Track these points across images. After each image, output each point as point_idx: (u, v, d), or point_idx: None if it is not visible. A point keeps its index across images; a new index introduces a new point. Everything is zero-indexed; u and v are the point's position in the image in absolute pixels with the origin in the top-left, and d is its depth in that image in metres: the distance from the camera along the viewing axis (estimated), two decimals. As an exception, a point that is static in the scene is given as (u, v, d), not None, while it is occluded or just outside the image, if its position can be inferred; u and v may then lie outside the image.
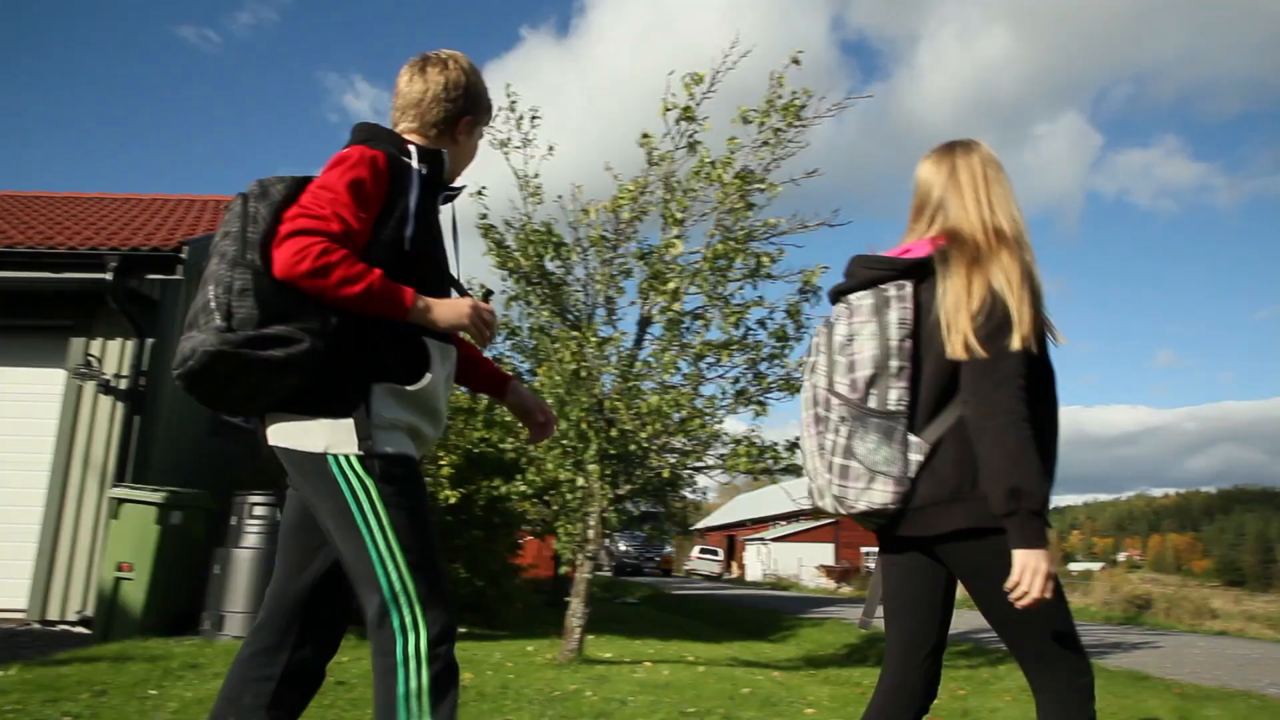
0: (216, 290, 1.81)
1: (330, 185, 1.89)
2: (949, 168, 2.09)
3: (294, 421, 1.91)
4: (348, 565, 1.90)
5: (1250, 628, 16.94)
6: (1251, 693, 5.61)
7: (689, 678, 5.72)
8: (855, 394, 1.93)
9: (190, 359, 1.79)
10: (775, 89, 5.75)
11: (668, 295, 5.41)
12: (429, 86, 2.13)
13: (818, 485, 1.99)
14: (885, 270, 1.99)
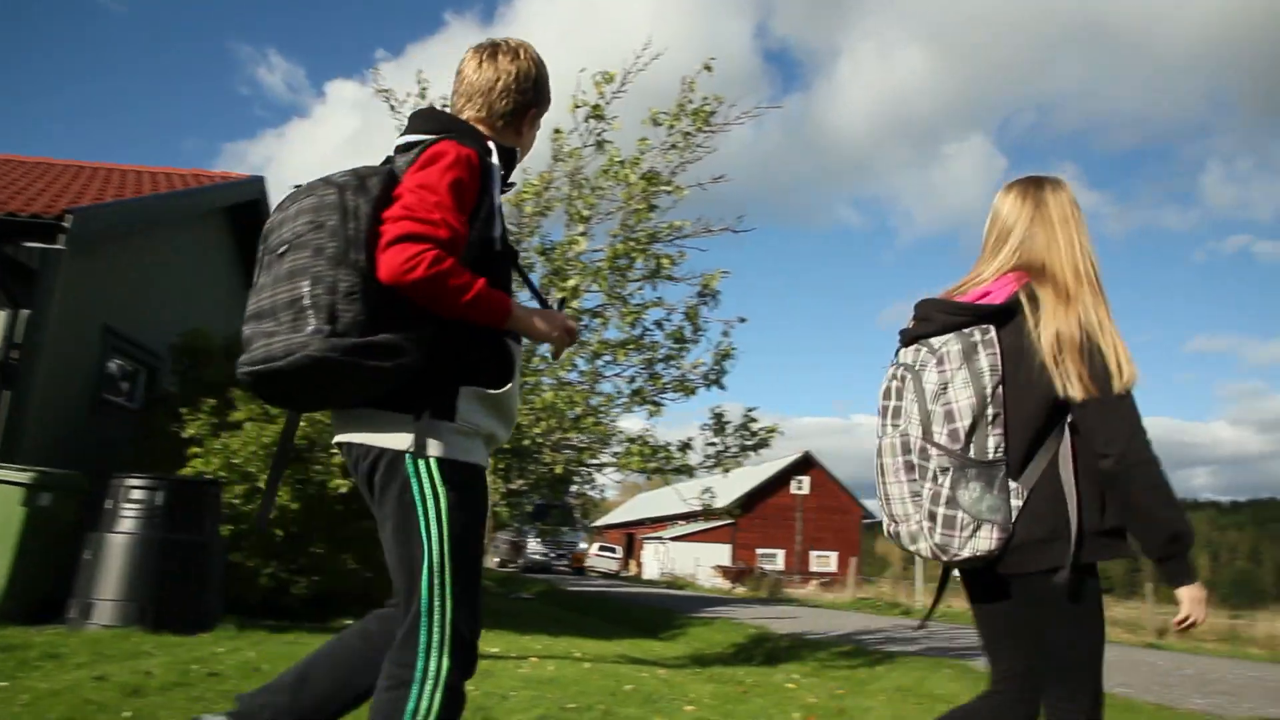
0: (315, 288, 1.73)
1: (431, 186, 1.82)
2: (1035, 202, 2.10)
3: (375, 419, 1.86)
4: (393, 564, 1.87)
5: (1112, 633, 17.89)
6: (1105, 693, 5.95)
7: (574, 674, 5.74)
8: (956, 444, 1.94)
9: (279, 359, 1.72)
10: (686, 93, 5.83)
11: (567, 292, 5.43)
12: (499, 75, 2.08)
13: (908, 530, 1.99)
14: (967, 317, 2.00)
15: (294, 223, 1.83)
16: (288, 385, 1.79)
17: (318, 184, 1.87)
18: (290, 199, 1.91)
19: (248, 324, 1.82)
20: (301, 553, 7.47)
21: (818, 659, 7.73)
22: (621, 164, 5.86)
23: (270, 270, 1.83)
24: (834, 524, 44.23)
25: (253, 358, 1.77)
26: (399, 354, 1.76)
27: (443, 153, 1.87)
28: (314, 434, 7.28)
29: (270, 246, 1.88)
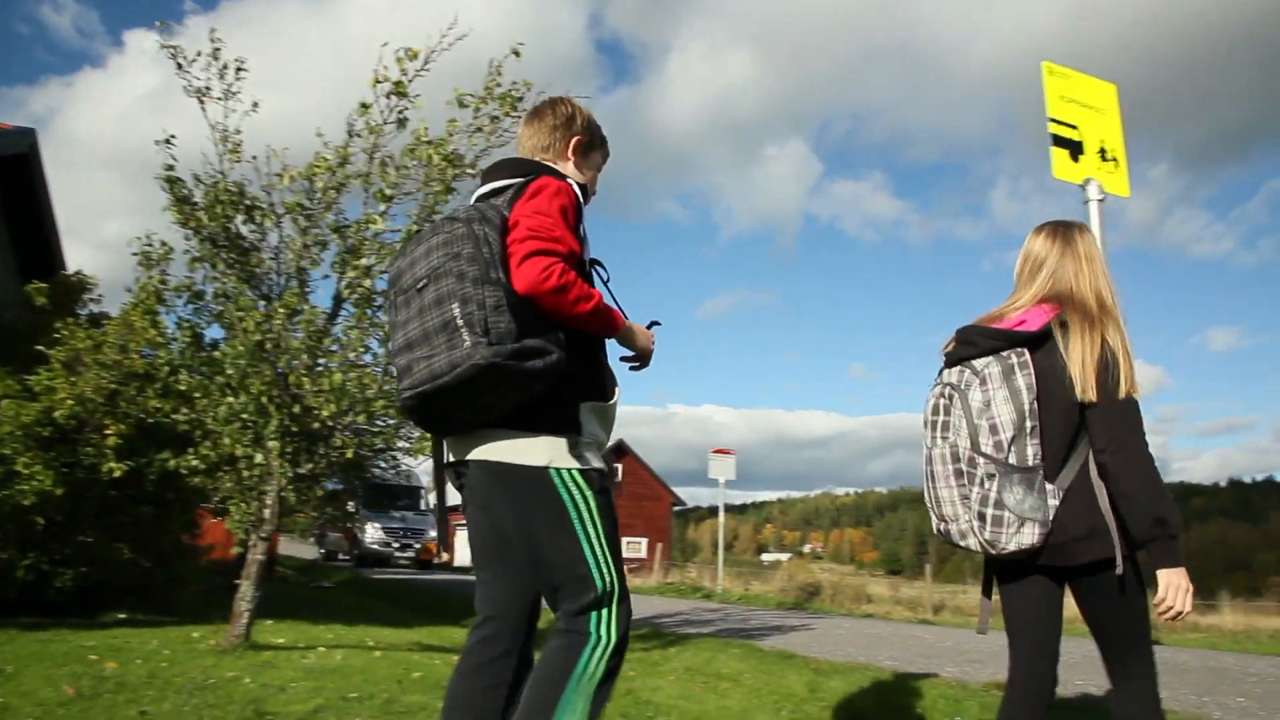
0: (466, 308, 1.91)
1: (546, 211, 2.05)
2: (1065, 241, 2.45)
3: (512, 439, 2.04)
4: (555, 567, 2.05)
5: (896, 611, 19.28)
6: (870, 665, 6.41)
7: (362, 663, 5.61)
8: (1000, 454, 2.22)
9: (444, 374, 1.90)
10: (494, 77, 5.77)
11: (359, 271, 5.27)
12: (553, 122, 2.36)
13: (958, 528, 2.29)
14: (1005, 342, 2.30)
15: (428, 259, 2.02)
16: (450, 400, 1.96)
17: (440, 224, 2.08)
18: (413, 243, 2.12)
19: (401, 355, 2.02)
20: (67, 542, 6.89)
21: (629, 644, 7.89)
22: (429, 144, 5.74)
23: (410, 305, 2.03)
24: (645, 511, 45.17)
25: (416, 380, 1.95)
26: (548, 353, 1.98)
27: (546, 184, 2.12)
28: (84, 413, 6.74)
29: (404, 286, 2.07)
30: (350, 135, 5.50)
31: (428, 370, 1.93)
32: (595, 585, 2.04)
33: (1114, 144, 4.26)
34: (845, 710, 4.71)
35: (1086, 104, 4.21)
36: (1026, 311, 2.39)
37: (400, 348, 2.03)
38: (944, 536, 2.37)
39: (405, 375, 2.01)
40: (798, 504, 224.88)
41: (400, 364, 2.02)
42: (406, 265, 2.09)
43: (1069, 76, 4.21)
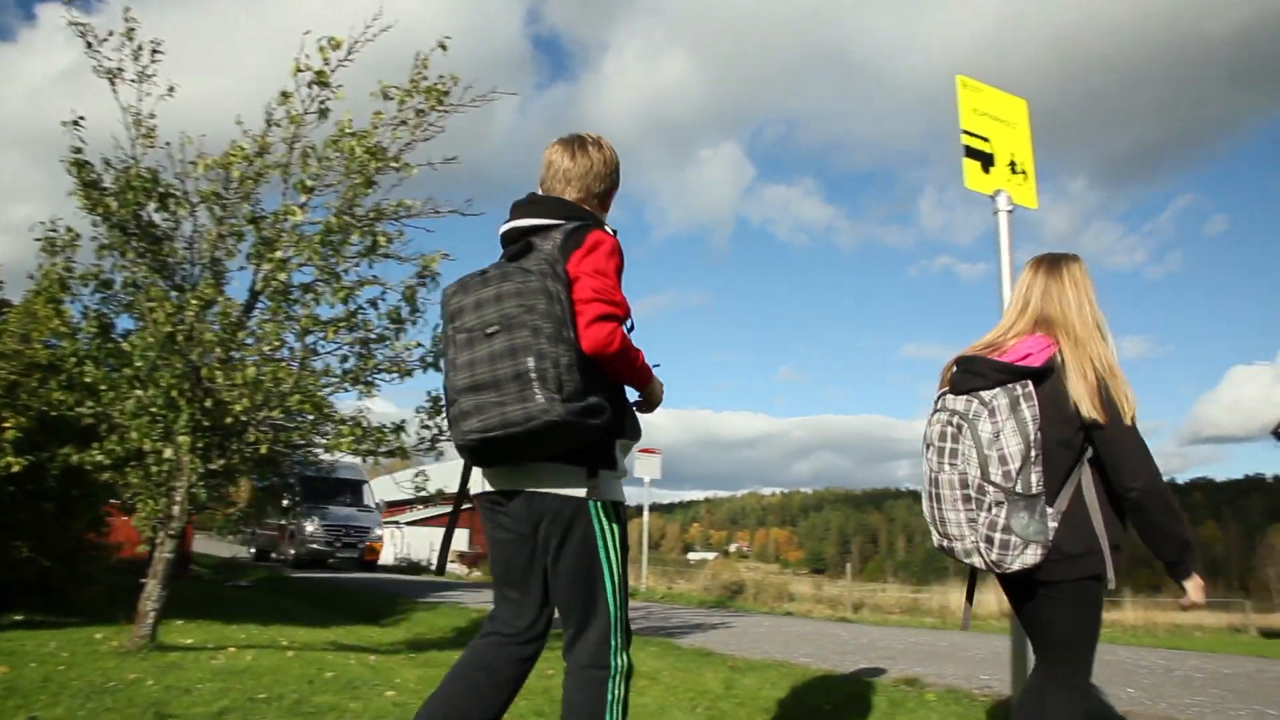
0: (540, 363, 2.05)
1: (604, 271, 2.21)
2: (1050, 270, 2.68)
3: (559, 474, 2.20)
4: (574, 593, 2.26)
5: (817, 609, 19.62)
6: (786, 662, 6.51)
7: (273, 663, 5.49)
8: (1009, 483, 2.39)
9: (518, 424, 2.05)
10: (420, 70, 5.70)
11: (274, 264, 5.15)
12: (592, 163, 2.45)
13: (963, 547, 2.48)
14: (1013, 375, 2.47)
15: (498, 305, 2.13)
16: (513, 446, 2.11)
17: (511, 270, 2.17)
18: (478, 284, 2.20)
19: (466, 395, 2.13)
20: (-40, 539, 6.59)
21: (535, 640, 7.87)
22: (352, 135, 5.64)
23: (475, 347, 2.14)
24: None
25: (487, 424, 2.08)
26: (604, 412, 2.18)
27: (601, 240, 2.27)
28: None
29: (468, 326, 2.17)
30: (269, 124, 5.37)
31: (500, 417, 2.07)
32: (609, 610, 2.26)
33: (1024, 157, 4.42)
34: (758, 706, 4.78)
35: (998, 118, 4.35)
36: (1023, 340, 2.58)
37: (466, 387, 2.13)
38: (949, 553, 2.55)
39: (474, 415, 2.12)
40: (725, 503, 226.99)
41: (466, 404, 2.13)
42: (471, 305, 2.18)
43: (982, 90, 4.35)
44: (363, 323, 5.56)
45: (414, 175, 5.68)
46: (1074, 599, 2.45)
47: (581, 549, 2.23)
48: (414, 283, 5.60)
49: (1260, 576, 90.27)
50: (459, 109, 5.88)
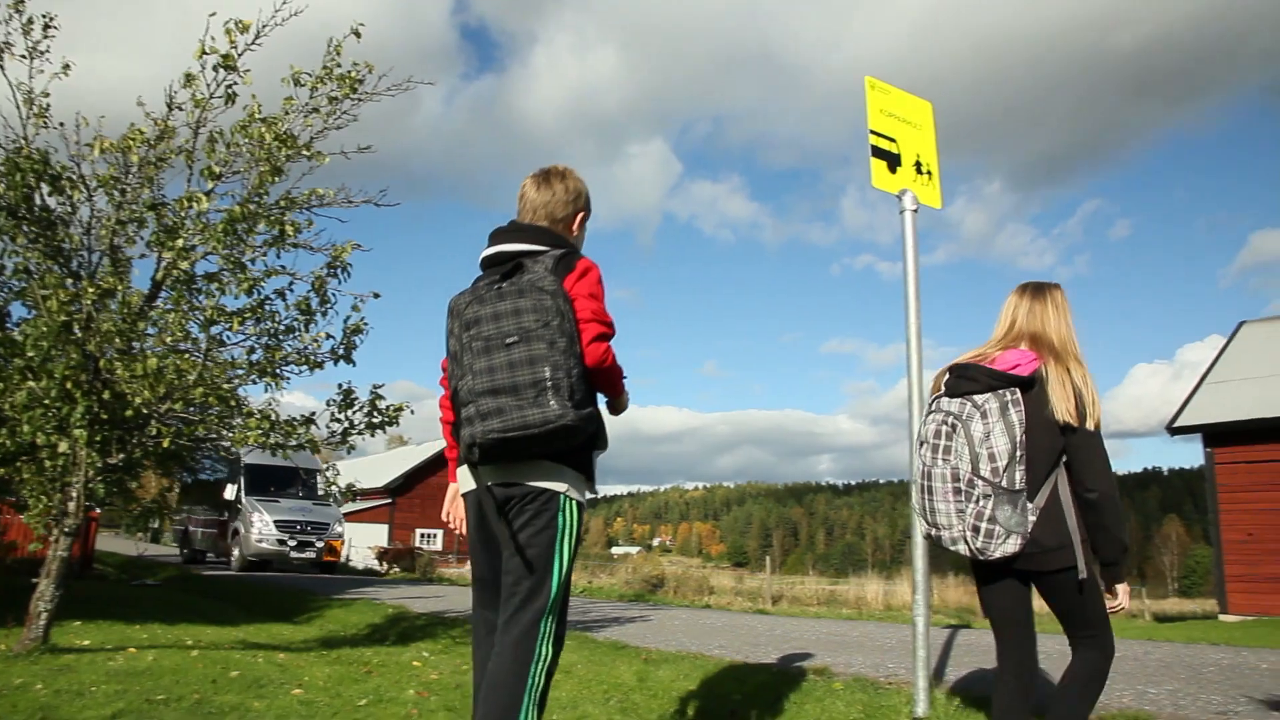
0: (555, 374, 2.33)
1: (597, 294, 2.51)
2: (1035, 294, 3.00)
3: (548, 469, 2.46)
4: (525, 573, 2.45)
5: (736, 602, 19.87)
6: (700, 654, 6.58)
7: (175, 663, 5.33)
8: (996, 479, 2.70)
9: (536, 426, 2.30)
10: (333, 57, 5.58)
11: (176, 252, 4.98)
12: (555, 193, 2.73)
13: (950, 535, 2.77)
14: (1004, 383, 2.77)
15: (517, 319, 2.38)
16: (525, 444, 2.34)
17: (526, 287, 2.43)
18: (493, 296, 2.44)
19: (485, 398, 2.34)
20: None
21: (451, 636, 7.79)
22: (263, 121, 5.49)
23: (493, 354, 2.37)
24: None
25: (508, 424, 2.31)
26: (598, 418, 2.54)
27: (590, 268, 2.56)
28: None
29: (486, 334, 2.40)
30: (170, 108, 5.19)
31: (520, 419, 2.31)
32: (548, 598, 2.46)
33: (929, 158, 4.54)
34: (670, 698, 4.82)
35: (905, 119, 4.46)
36: (1009, 353, 2.88)
37: (485, 390, 2.35)
38: (936, 541, 2.86)
39: (494, 417, 2.33)
40: (648, 498, 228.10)
41: (486, 405, 2.34)
42: (489, 316, 2.42)
43: (889, 92, 4.45)
44: (270, 314, 5.41)
45: (326, 164, 5.56)
46: (1062, 586, 2.77)
47: (542, 535, 2.45)
48: (324, 273, 5.48)
49: (1156, 564, 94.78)
50: (374, 97, 5.78)
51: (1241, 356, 18.66)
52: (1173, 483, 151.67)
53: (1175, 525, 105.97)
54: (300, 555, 20.00)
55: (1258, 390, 17.12)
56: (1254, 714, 4.44)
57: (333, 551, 20.71)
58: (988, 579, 2.88)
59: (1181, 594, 68.79)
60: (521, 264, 2.54)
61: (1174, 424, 17.56)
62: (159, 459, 5.62)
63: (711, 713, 4.55)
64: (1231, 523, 16.60)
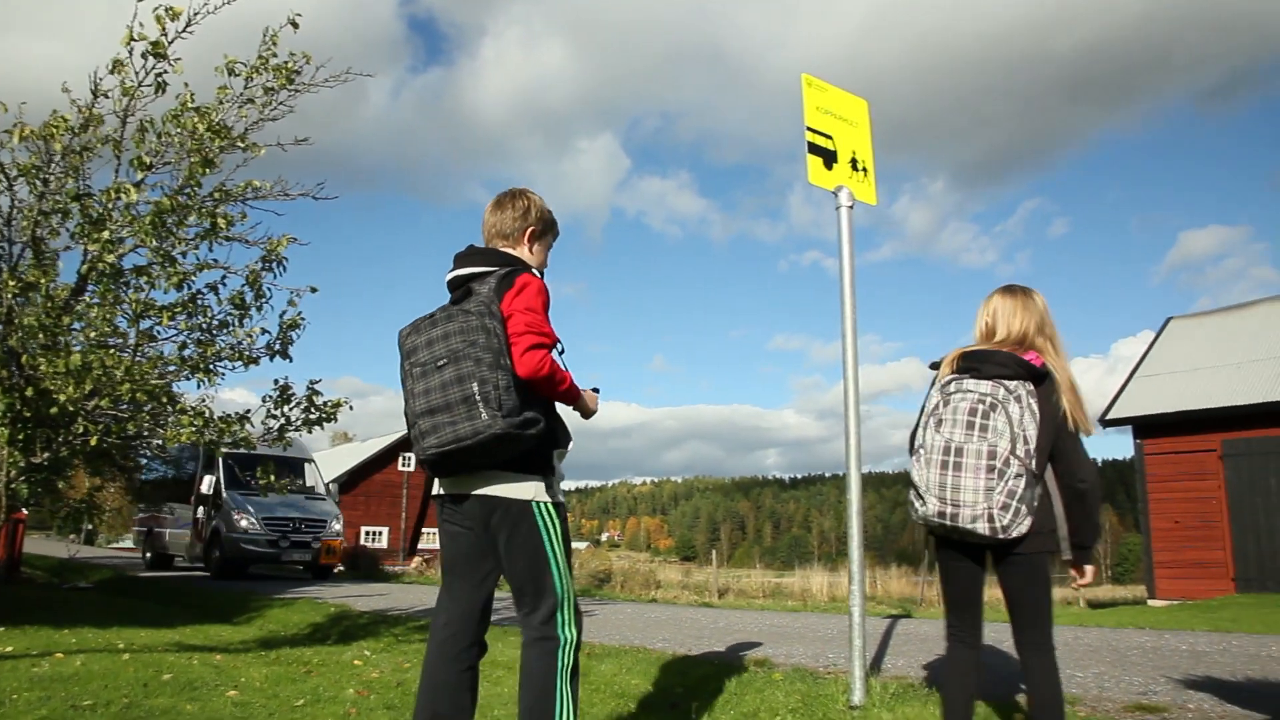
0: (483, 388, 2.48)
1: (535, 308, 2.64)
2: (1029, 297, 3.13)
3: (507, 480, 2.62)
4: (526, 579, 2.65)
5: (682, 595, 19.97)
6: (643, 647, 6.61)
7: (104, 667, 5.19)
8: (1030, 460, 2.81)
9: (468, 438, 2.47)
10: (269, 47, 5.47)
11: (101, 245, 4.84)
12: (508, 214, 2.89)
13: (972, 512, 2.81)
14: (1028, 373, 2.90)
15: (446, 343, 2.57)
16: (467, 456, 2.53)
17: (454, 313, 2.62)
18: (428, 325, 2.65)
19: (423, 418, 2.55)
20: None
21: (394, 634, 7.72)
22: (196, 111, 5.36)
23: (429, 377, 2.56)
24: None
25: (442, 440, 2.50)
26: (539, 423, 2.60)
27: (529, 282, 2.70)
28: None
29: (422, 360, 2.60)
30: (96, 95, 5.04)
31: (453, 433, 2.49)
32: (556, 591, 2.66)
33: (864, 155, 4.61)
34: (612, 691, 4.84)
35: (841, 117, 4.52)
36: (1014, 351, 2.98)
37: (423, 411, 2.55)
38: (951, 520, 2.85)
39: (431, 434, 2.54)
40: (596, 493, 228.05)
41: (424, 425, 2.55)
42: (424, 344, 2.62)
43: (826, 90, 4.51)
44: (202, 308, 5.29)
45: (262, 155, 5.45)
46: (1034, 568, 2.92)
47: (528, 544, 2.64)
48: (259, 268, 5.37)
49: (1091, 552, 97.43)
50: (311, 88, 5.69)
51: (1169, 351, 19.29)
52: (1106, 473, 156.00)
53: (1109, 514, 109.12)
54: (293, 558, 17.47)
55: (1183, 384, 17.71)
56: (1171, 693, 4.60)
57: (331, 552, 18.03)
58: (959, 559, 3.01)
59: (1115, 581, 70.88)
60: (470, 288, 2.72)
61: (1106, 416, 18.08)
62: (88, 458, 5.46)
63: (653, 705, 4.57)
64: (1160, 511, 17.16)
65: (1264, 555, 15.73)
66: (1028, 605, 2.93)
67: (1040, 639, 2.92)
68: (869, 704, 4.18)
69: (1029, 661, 2.93)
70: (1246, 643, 6.89)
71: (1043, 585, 2.93)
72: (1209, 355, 18.22)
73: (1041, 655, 2.91)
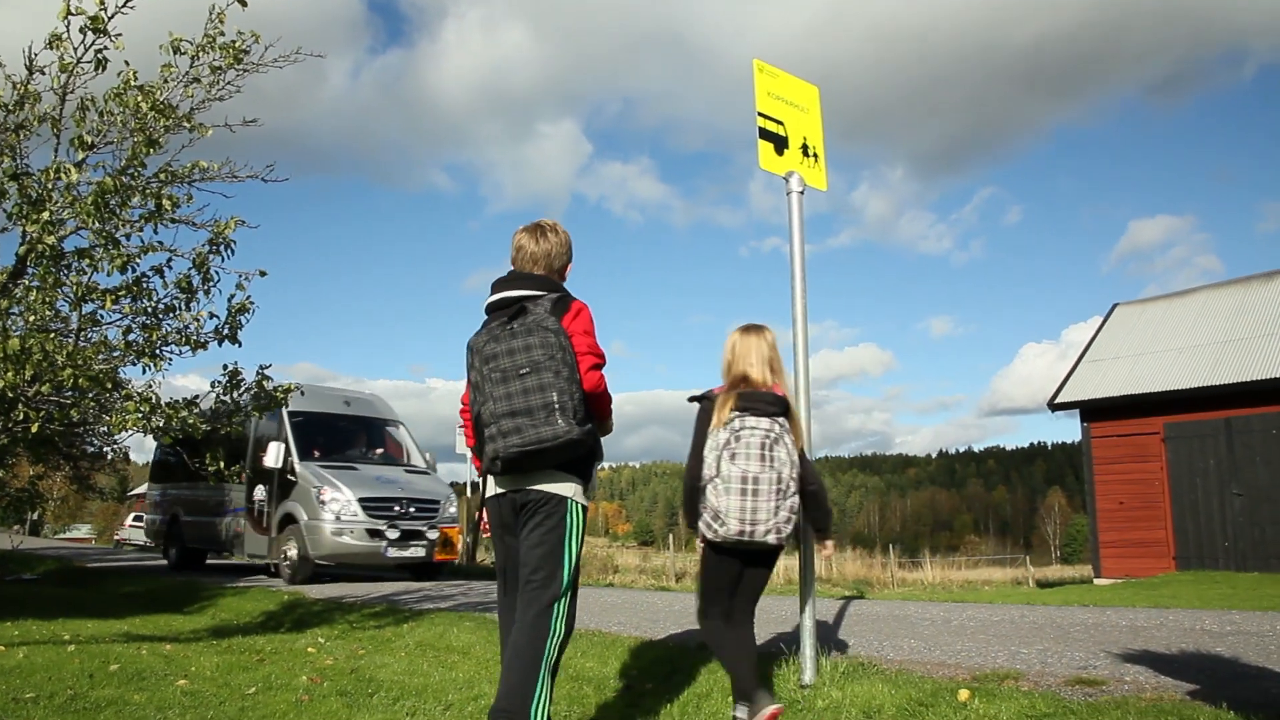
0: (561, 398, 2.85)
1: (590, 331, 3.09)
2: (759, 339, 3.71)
3: (556, 479, 2.99)
4: (540, 564, 2.95)
5: (640, 580, 20.10)
6: (598, 631, 6.65)
7: (48, 659, 5.11)
8: (795, 482, 3.52)
9: (549, 440, 2.83)
10: (216, 25, 5.36)
11: (40, 226, 4.71)
12: (553, 246, 3.25)
13: (765, 528, 3.44)
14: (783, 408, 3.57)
15: (528, 354, 2.89)
16: (540, 457, 2.87)
17: (532, 327, 2.94)
18: (507, 336, 2.95)
19: (505, 419, 2.86)
20: None
21: (348, 621, 7.67)
22: (140, 88, 5.23)
23: (511, 383, 2.88)
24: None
25: (525, 440, 2.84)
26: (595, 433, 3.09)
27: (583, 308, 3.13)
28: None
29: (503, 366, 2.91)
30: (31, 70, 4.89)
31: (535, 435, 2.82)
32: (561, 583, 2.96)
33: (815, 141, 4.65)
34: (567, 675, 4.86)
35: (792, 102, 4.55)
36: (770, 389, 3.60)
37: (505, 413, 2.85)
38: (749, 536, 3.44)
39: (514, 434, 2.84)
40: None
41: (507, 425, 2.85)
42: (504, 351, 2.92)
43: (777, 75, 4.53)
44: (147, 291, 5.18)
45: (208, 136, 5.35)
46: (776, 559, 3.72)
47: (553, 534, 2.96)
48: (206, 250, 5.26)
49: (1041, 534, 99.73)
50: (260, 68, 5.58)
51: (1115, 337, 19.74)
52: (1056, 456, 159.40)
53: (1058, 496, 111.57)
54: (403, 553, 12.39)
55: (1128, 368, 18.14)
56: (1110, 666, 4.75)
57: (449, 545, 13.03)
58: (730, 561, 3.61)
59: (1063, 561, 72.59)
60: (524, 307, 3.03)
61: (1054, 400, 18.47)
62: (30, 445, 5.33)
63: (607, 687, 4.60)
64: (1105, 492, 17.60)
65: (1201, 534, 16.23)
66: (761, 588, 3.73)
67: (754, 611, 3.74)
68: (819, 683, 4.25)
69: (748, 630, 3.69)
70: (1182, 617, 7.12)
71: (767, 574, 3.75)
72: (1152, 341, 18.68)
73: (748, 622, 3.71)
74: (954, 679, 4.41)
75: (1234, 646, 5.35)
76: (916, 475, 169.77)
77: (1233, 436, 16.09)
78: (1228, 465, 16.07)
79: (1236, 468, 15.96)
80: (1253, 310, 17.78)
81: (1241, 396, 15.95)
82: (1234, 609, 8.06)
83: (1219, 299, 18.92)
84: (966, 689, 3.98)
